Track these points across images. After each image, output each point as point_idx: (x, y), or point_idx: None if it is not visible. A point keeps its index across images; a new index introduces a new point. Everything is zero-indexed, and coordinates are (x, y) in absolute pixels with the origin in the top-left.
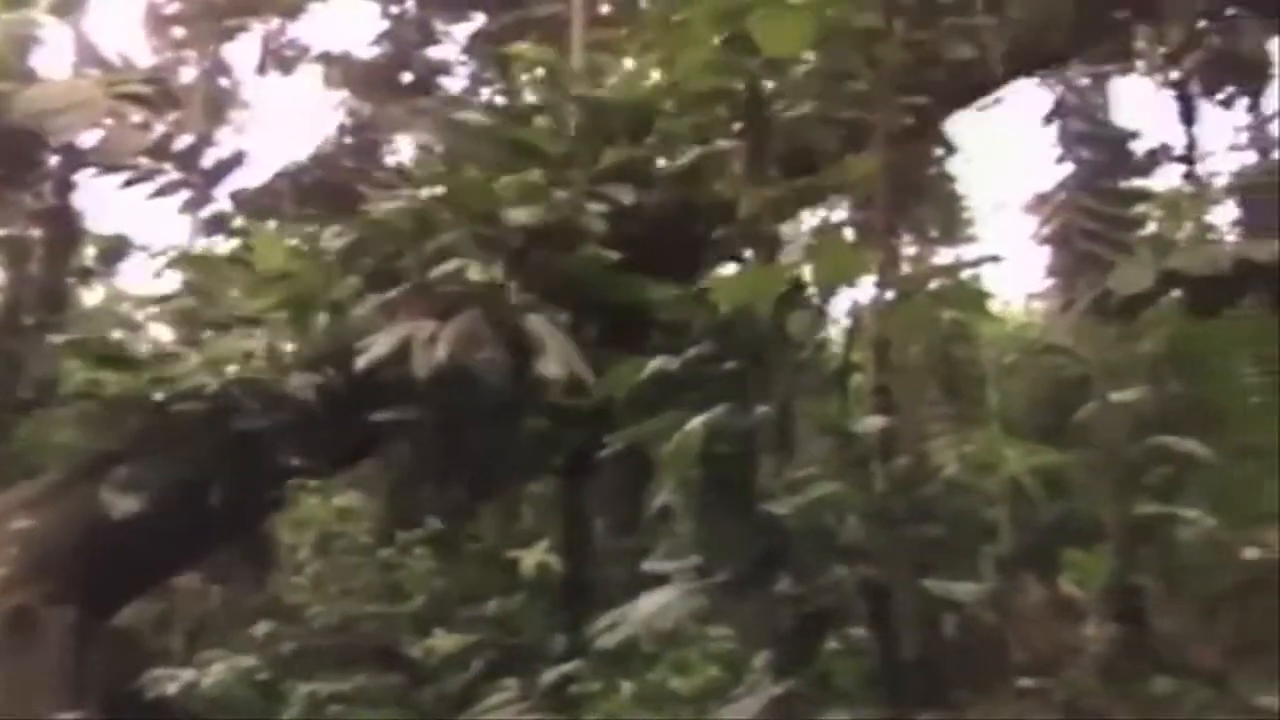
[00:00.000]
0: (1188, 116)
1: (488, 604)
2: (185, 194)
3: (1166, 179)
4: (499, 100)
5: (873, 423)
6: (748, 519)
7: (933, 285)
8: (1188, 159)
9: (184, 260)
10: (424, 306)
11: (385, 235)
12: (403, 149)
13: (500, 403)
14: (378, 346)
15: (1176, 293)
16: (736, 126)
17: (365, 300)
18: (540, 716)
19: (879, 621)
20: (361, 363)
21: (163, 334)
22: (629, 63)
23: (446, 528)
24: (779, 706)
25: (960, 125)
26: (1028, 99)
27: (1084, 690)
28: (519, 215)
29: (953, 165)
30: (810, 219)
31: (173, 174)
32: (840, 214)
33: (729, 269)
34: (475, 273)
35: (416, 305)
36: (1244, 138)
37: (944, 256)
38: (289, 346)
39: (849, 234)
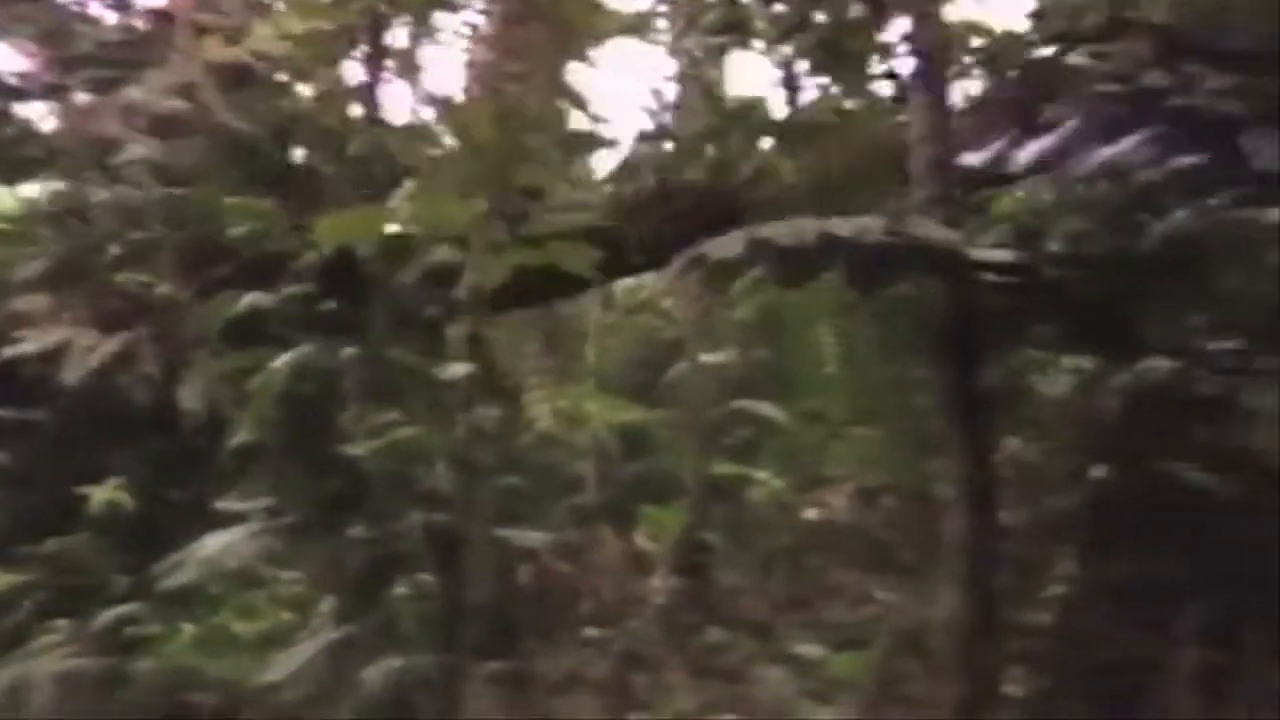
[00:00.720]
0: (792, 96)
1: (47, 542)
2: None
3: None
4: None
5: (457, 370)
6: (325, 461)
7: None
8: None
9: None
10: (97, 311)
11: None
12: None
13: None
14: (27, 344)
15: (764, 262)
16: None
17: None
18: (86, 660)
19: (448, 568)
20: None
21: None
22: None
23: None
24: (336, 652)
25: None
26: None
27: (642, 640)
28: (245, 245)
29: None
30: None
31: None
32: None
33: None
34: (165, 291)
35: (90, 307)
36: None
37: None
38: None
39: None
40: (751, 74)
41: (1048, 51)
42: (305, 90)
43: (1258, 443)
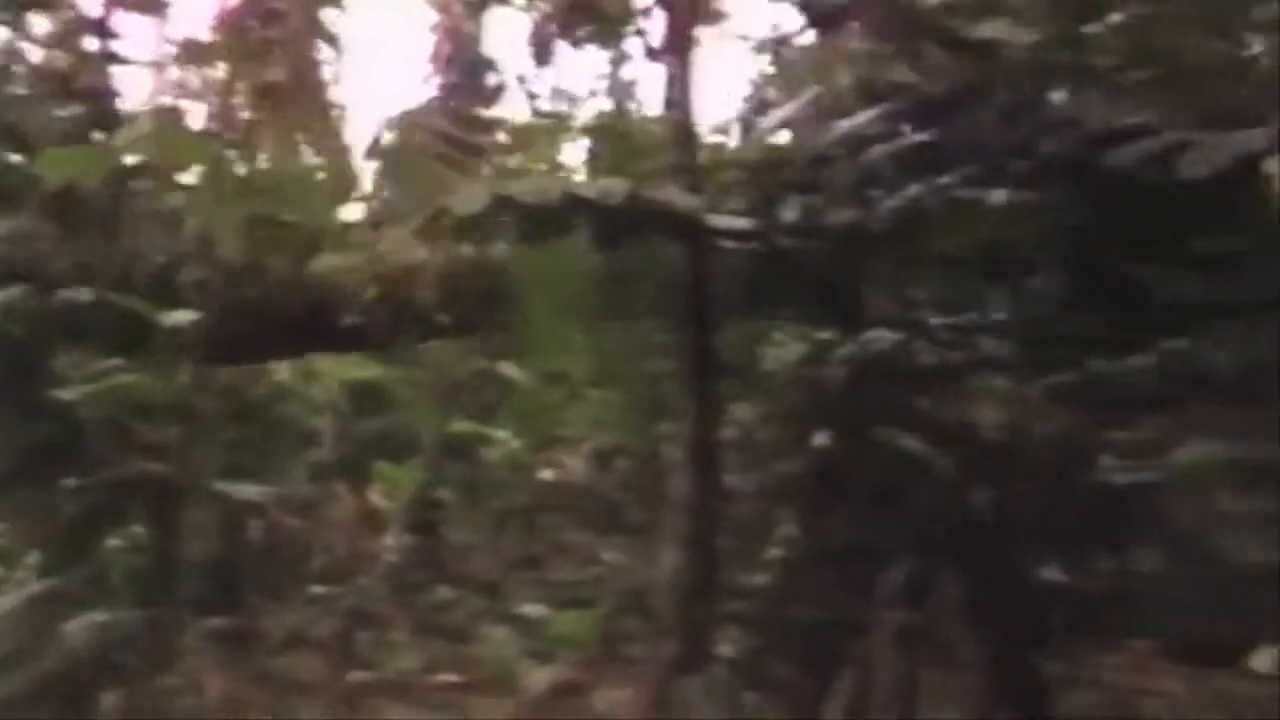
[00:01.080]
0: (541, 54)
1: None
2: None
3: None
4: None
5: (182, 317)
6: (35, 406)
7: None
8: (533, 95)
9: None
10: None
11: None
12: None
13: None
14: None
15: (508, 219)
16: None
17: None
18: None
19: (164, 521)
20: None
21: None
22: None
23: None
24: (39, 605)
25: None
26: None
27: (370, 597)
28: None
29: (337, 67)
30: None
31: None
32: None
33: None
34: None
35: None
36: (604, 83)
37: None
38: None
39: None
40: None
41: None
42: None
43: (971, 415)
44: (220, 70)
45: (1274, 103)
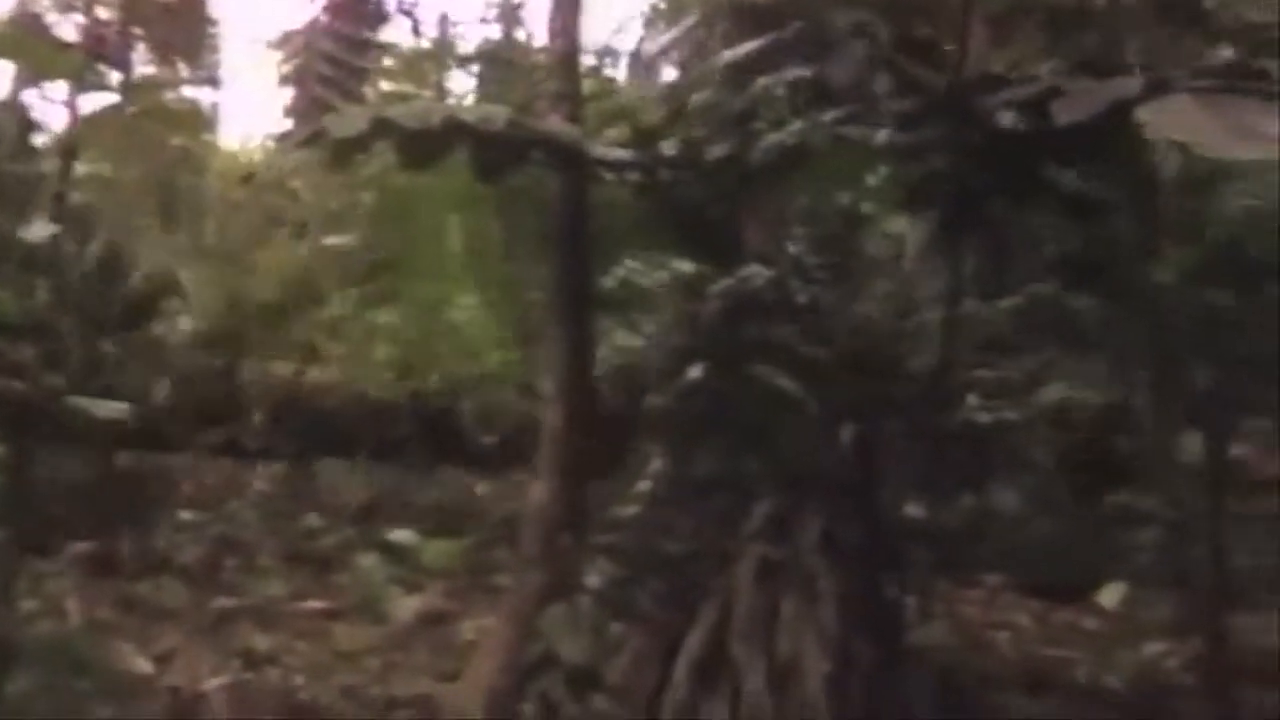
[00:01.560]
0: None
1: None
2: None
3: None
4: None
5: (41, 231)
6: None
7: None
8: (415, 20)
9: None
10: None
11: None
12: None
13: None
14: None
15: (388, 142)
16: None
17: None
18: None
19: (24, 440)
20: None
21: None
22: None
23: None
24: None
25: None
26: None
27: (239, 524)
28: None
29: None
30: None
31: None
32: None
33: None
34: None
35: None
36: (491, 10)
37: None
38: None
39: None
40: None
41: None
42: None
43: (842, 352)
44: None
45: (1146, 51)
